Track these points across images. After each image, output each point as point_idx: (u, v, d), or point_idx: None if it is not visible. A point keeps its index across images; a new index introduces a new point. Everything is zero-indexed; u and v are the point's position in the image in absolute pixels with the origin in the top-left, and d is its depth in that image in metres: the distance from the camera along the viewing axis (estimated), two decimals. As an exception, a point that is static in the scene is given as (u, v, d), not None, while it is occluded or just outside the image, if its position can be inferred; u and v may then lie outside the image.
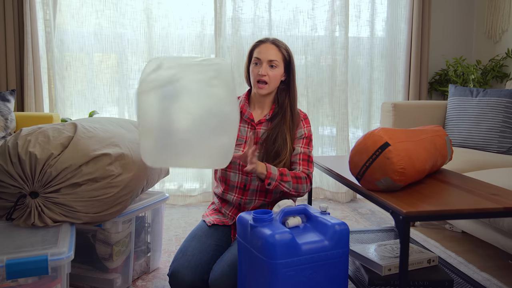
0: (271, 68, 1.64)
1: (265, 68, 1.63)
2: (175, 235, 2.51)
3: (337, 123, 3.28)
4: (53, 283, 1.32)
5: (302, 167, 1.65)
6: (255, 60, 1.65)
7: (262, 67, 1.63)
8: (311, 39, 3.23)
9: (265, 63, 1.63)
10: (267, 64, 1.63)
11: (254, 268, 1.31)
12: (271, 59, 1.63)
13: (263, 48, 1.65)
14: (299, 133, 1.69)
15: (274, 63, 1.63)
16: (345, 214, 2.95)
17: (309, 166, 1.66)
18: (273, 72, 1.64)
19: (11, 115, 2.66)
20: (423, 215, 1.25)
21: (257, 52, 1.66)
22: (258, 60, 1.64)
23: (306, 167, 1.65)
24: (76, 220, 1.47)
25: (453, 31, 3.59)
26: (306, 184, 1.62)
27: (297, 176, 1.60)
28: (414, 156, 1.40)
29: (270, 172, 1.53)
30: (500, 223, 1.86)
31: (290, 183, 1.57)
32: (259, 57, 1.64)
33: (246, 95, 1.76)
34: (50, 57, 2.96)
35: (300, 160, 1.66)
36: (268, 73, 1.63)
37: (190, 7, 3.11)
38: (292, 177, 1.58)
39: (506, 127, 2.63)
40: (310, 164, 1.67)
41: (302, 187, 1.61)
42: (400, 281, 1.23)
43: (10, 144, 1.44)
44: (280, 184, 1.55)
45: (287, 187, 1.57)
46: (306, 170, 1.65)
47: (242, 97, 1.76)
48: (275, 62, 1.63)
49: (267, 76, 1.63)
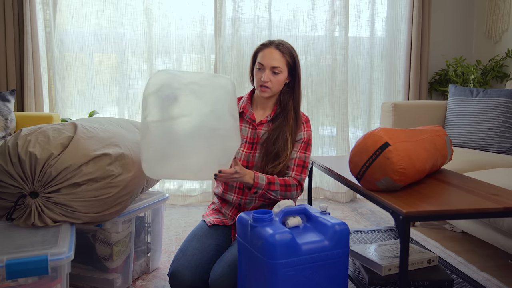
0: (274, 74, 1.63)
1: (268, 74, 1.62)
2: (175, 235, 2.51)
3: (337, 123, 3.28)
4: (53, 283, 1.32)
5: (295, 172, 1.64)
6: (258, 65, 1.65)
7: (265, 74, 1.62)
8: (311, 39, 3.23)
9: (267, 69, 1.62)
10: (270, 71, 1.62)
11: (254, 268, 1.31)
12: (274, 66, 1.62)
13: (267, 54, 1.64)
14: (298, 136, 1.69)
15: (277, 70, 1.62)
16: (345, 214, 2.95)
17: (303, 172, 1.66)
18: (275, 78, 1.63)
19: (11, 115, 2.66)
20: (423, 215, 1.25)
21: (261, 57, 1.64)
22: (261, 66, 1.63)
23: (299, 173, 1.64)
24: (76, 220, 1.47)
25: (453, 31, 3.59)
26: (296, 191, 1.62)
27: (286, 184, 1.59)
28: (414, 156, 1.40)
29: (257, 182, 1.54)
30: (500, 223, 1.86)
31: (277, 191, 1.57)
32: (262, 63, 1.63)
33: (249, 95, 1.76)
34: (50, 57, 2.96)
35: (295, 165, 1.65)
36: (270, 79, 1.62)
37: (190, 7, 3.11)
38: (281, 185, 1.58)
39: (506, 127, 2.63)
40: (304, 170, 1.66)
41: (291, 194, 1.61)
42: (400, 281, 1.23)
43: (10, 144, 1.44)
44: (267, 192, 1.56)
45: (274, 195, 1.58)
46: (298, 176, 1.64)
47: (244, 97, 1.76)
48: (278, 69, 1.62)
49: (270, 82, 1.63)
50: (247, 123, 1.71)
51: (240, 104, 1.74)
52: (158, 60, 3.12)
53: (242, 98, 1.77)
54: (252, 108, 1.73)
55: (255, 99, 1.74)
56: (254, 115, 1.71)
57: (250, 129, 1.70)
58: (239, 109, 1.72)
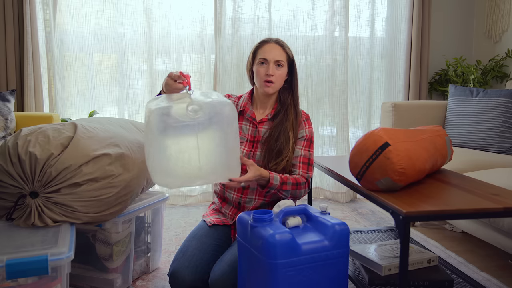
0: (278, 68, 1.64)
1: (273, 68, 1.63)
2: (175, 235, 2.51)
3: (337, 123, 3.28)
4: (53, 283, 1.32)
5: (302, 170, 1.65)
6: (261, 60, 1.65)
7: (270, 67, 1.63)
8: (311, 39, 3.23)
9: (272, 63, 1.63)
10: (274, 64, 1.64)
11: (254, 268, 1.31)
12: (278, 59, 1.64)
13: (269, 48, 1.65)
14: (300, 133, 1.69)
15: (280, 63, 1.64)
16: (345, 214, 2.95)
17: (309, 169, 1.66)
18: (279, 72, 1.64)
19: (11, 115, 2.66)
20: (423, 215, 1.25)
21: (263, 53, 1.65)
22: (265, 60, 1.64)
23: (306, 171, 1.65)
24: (76, 220, 1.47)
25: (453, 31, 3.59)
26: (304, 189, 1.63)
27: (297, 182, 1.60)
28: (414, 156, 1.40)
29: (272, 183, 1.54)
30: (500, 223, 1.86)
31: (289, 191, 1.58)
32: (266, 57, 1.64)
33: (249, 94, 1.76)
34: (50, 57, 2.96)
35: (300, 163, 1.65)
36: (275, 73, 1.63)
37: (190, 7, 3.11)
38: (292, 184, 1.58)
39: (506, 127, 2.63)
40: (310, 168, 1.67)
41: (300, 192, 1.62)
42: (400, 281, 1.23)
43: (10, 144, 1.44)
44: (278, 192, 1.57)
45: (285, 194, 1.59)
46: (305, 174, 1.64)
47: (245, 96, 1.76)
48: (281, 62, 1.64)
49: (274, 76, 1.63)
50: (248, 122, 1.71)
51: (241, 103, 1.74)
52: (158, 60, 3.12)
53: (242, 97, 1.77)
54: (252, 107, 1.73)
55: (255, 98, 1.74)
56: (254, 113, 1.71)
57: (250, 128, 1.70)
58: (240, 107, 1.73)
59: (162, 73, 3.13)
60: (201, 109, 1.34)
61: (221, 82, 3.12)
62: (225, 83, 3.13)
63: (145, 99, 3.13)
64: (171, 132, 1.33)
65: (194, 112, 1.33)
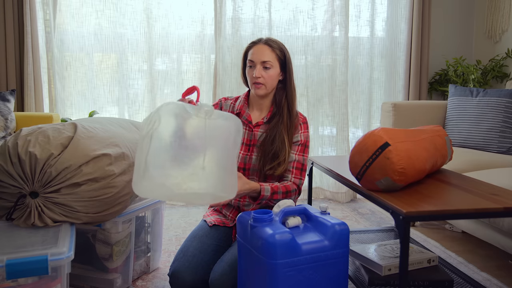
0: (265, 69, 1.62)
1: (259, 70, 1.62)
2: (175, 235, 2.51)
3: (337, 123, 3.28)
4: (53, 283, 1.31)
5: (295, 176, 1.64)
6: (249, 63, 1.65)
7: (256, 69, 1.62)
8: (311, 39, 3.23)
9: (258, 65, 1.62)
10: (260, 66, 1.62)
11: (254, 268, 1.31)
12: (264, 60, 1.62)
13: (256, 50, 1.64)
14: (295, 138, 1.68)
15: (267, 64, 1.62)
16: (345, 214, 2.95)
17: (302, 175, 1.66)
18: (267, 73, 1.63)
19: (11, 115, 2.66)
20: (423, 215, 1.25)
21: (250, 54, 1.65)
22: (252, 63, 1.64)
23: (298, 177, 1.65)
24: (76, 220, 1.47)
25: (453, 31, 3.59)
26: (294, 196, 1.64)
27: (287, 190, 1.61)
28: (414, 156, 1.39)
29: (263, 194, 1.55)
30: (500, 223, 1.86)
31: (279, 200, 1.58)
32: (252, 59, 1.63)
33: (245, 95, 1.75)
34: (50, 57, 2.96)
35: (294, 168, 1.65)
36: (262, 75, 1.62)
37: (190, 7, 3.11)
38: (283, 193, 1.59)
39: (506, 127, 2.63)
40: (303, 173, 1.66)
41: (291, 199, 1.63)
42: (400, 281, 1.23)
43: (10, 144, 1.44)
44: (269, 201, 1.59)
45: (275, 203, 1.59)
46: (297, 180, 1.64)
47: (241, 97, 1.75)
48: (268, 63, 1.62)
49: (262, 77, 1.62)
50: (244, 125, 1.70)
51: (237, 105, 1.73)
52: (158, 60, 3.12)
53: (238, 98, 1.76)
54: (248, 109, 1.73)
55: (251, 99, 1.73)
56: (250, 116, 1.71)
57: (246, 131, 1.69)
58: (236, 109, 1.72)
59: (162, 73, 3.13)
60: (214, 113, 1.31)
61: (221, 82, 3.12)
62: (225, 83, 3.13)
63: (145, 99, 3.14)
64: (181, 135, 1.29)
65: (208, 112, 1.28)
